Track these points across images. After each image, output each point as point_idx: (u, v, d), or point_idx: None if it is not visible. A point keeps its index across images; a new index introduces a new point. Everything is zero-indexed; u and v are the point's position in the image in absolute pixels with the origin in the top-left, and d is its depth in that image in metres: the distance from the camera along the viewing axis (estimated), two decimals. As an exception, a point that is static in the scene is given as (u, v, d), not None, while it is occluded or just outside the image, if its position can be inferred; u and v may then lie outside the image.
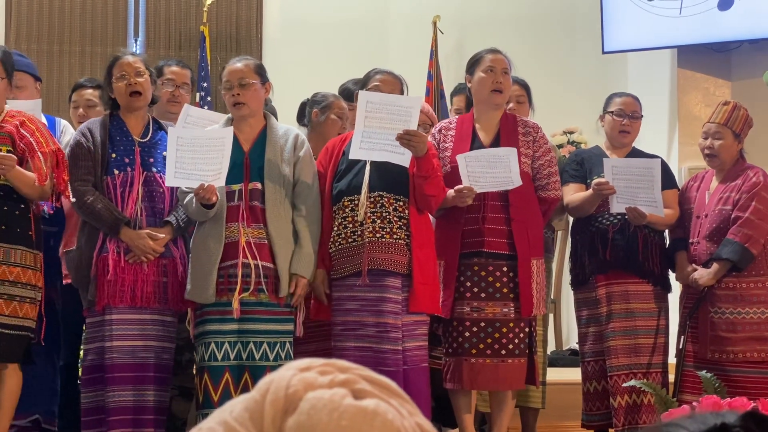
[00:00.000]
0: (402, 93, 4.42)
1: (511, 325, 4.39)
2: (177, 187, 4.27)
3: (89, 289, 4.23)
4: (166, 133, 4.34)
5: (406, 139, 4.10)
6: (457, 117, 4.72)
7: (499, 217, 4.41)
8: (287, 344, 4.20)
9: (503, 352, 4.36)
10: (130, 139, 4.34)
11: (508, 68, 4.52)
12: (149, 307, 4.23)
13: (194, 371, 4.77)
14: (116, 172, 4.27)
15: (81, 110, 4.90)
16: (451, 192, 4.32)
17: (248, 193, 4.22)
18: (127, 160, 4.29)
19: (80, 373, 4.50)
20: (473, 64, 4.56)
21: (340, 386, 0.76)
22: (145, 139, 4.35)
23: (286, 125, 4.50)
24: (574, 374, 5.33)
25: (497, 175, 4.31)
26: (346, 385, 0.76)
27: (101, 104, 4.75)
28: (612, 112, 4.96)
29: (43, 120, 4.79)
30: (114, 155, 4.29)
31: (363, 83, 4.44)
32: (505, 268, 4.40)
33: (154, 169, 4.30)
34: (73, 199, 4.25)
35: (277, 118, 5.17)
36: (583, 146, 7.25)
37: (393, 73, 4.45)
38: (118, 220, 4.20)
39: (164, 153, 4.31)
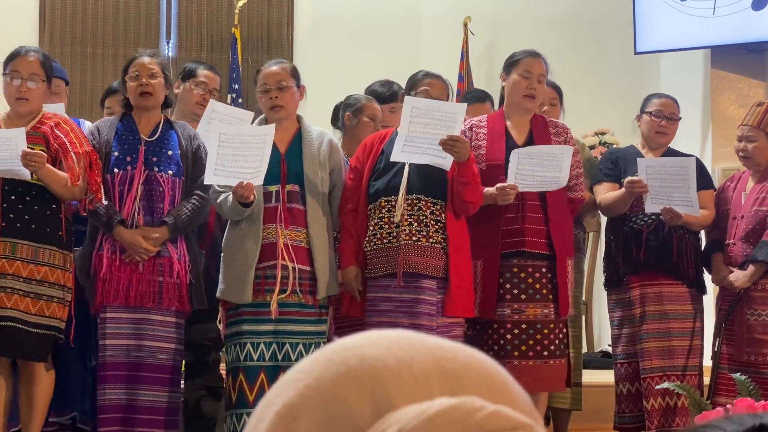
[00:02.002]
0: (448, 97, 4.43)
1: (552, 326, 4.38)
2: (184, 187, 4.30)
3: (87, 287, 4.27)
4: (176, 132, 4.38)
5: (449, 144, 4.10)
6: (486, 115, 4.71)
7: (538, 217, 4.40)
8: (321, 345, 4.21)
9: (545, 353, 4.35)
10: (137, 137, 4.35)
11: (545, 74, 4.49)
12: (144, 306, 4.24)
13: (218, 371, 4.81)
14: (116, 170, 4.29)
15: (114, 115, 4.92)
16: (490, 189, 4.30)
17: (285, 195, 4.23)
18: (129, 159, 4.30)
19: None
20: (511, 64, 4.53)
21: None
22: (152, 138, 4.36)
23: (319, 128, 4.51)
24: (605, 376, 5.30)
25: (546, 174, 4.31)
26: None
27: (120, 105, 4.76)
28: (650, 112, 4.92)
29: None
30: (116, 153, 4.31)
31: (410, 85, 4.45)
32: (543, 269, 4.39)
33: (155, 168, 4.30)
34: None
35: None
36: (614, 147, 7.21)
37: (441, 77, 4.46)
38: (112, 218, 4.22)
39: (169, 152, 4.33)
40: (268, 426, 0.68)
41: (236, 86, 7.45)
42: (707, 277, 4.89)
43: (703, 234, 4.94)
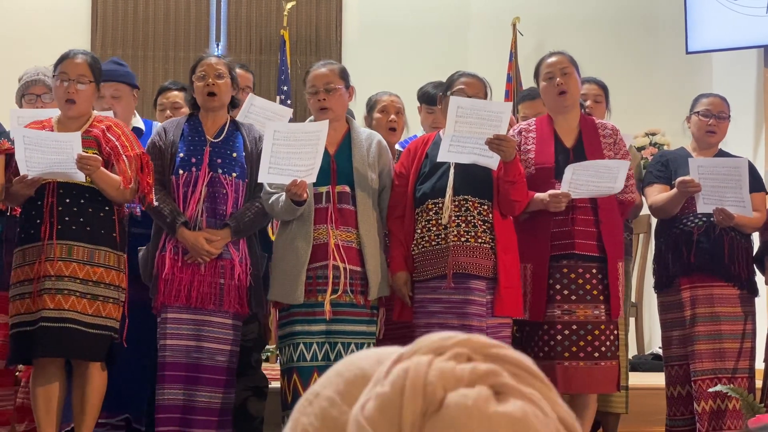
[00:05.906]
0: (486, 96, 4.41)
1: (602, 327, 4.35)
2: (247, 189, 4.32)
3: (151, 287, 4.31)
4: (242, 134, 4.41)
5: (496, 143, 4.10)
6: (535, 118, 4.69)
7: (588, 219, 4.38)
8: (372, 345, 4.22)
9: (596, 354, 4.32)
10: (202, 138, 4.37)
11: (568, 67, 4.46)
12: (205, 308, 4.26)
13: (261, 371, 4.85)
14: (181, 171, 4.32)
15: (168, 112, 4.97)
16: (542, 195, 4.29)
17: (336, 196, 4.25)
18: (194, 160, 4.33)
19: None
20: (536, 74, 4.55)
21: (481, 382, 0.68)
22: (218, 140, 4.38)
23: (368, 129, 4.52)
24: (656, 379, 5.26)
25: (600, 184, 4.29)
26: (489, 380, 0.69)
27: (186, 105, 4.80)
28: (698, 112, 4.88)
29: (141, 125, 4.90)
30: (182, 154, 4.34)
31: (447, 86, 4.44)
32: (594, 270, 4.36)
33: (219, 170, 4.32)
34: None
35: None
36: (665, 148, 7.14)
37: (477, 76, 4.44)
38: (175, 220, 4.25)
39: (234, 154, 4.35)
40: (296, 407, 0.75)
41: (285, 88, 7.50)
42: (760, 278, 4.83)
43: (755, 236, 4.88)
